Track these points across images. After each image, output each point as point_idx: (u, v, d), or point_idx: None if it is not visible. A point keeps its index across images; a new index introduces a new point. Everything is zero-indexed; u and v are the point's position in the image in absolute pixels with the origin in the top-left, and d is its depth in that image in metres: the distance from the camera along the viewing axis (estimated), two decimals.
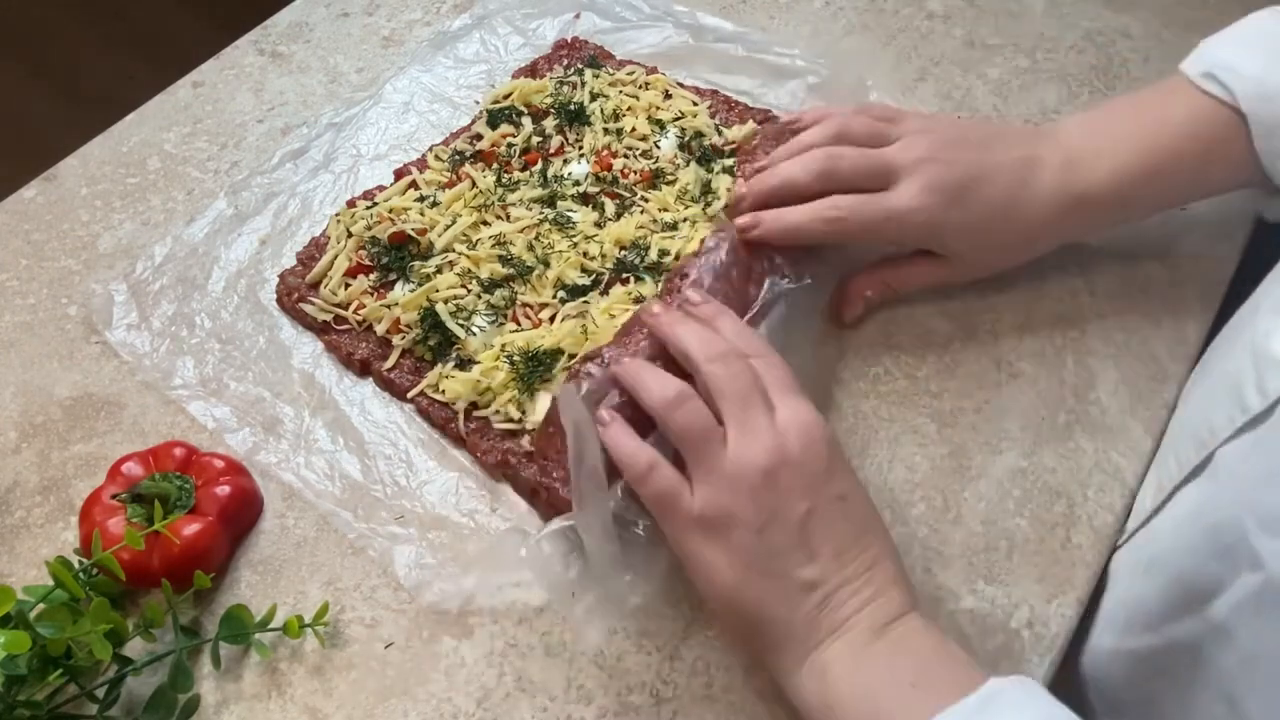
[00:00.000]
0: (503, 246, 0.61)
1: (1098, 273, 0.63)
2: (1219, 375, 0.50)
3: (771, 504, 0.43)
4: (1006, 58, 0.75)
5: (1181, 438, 0.49)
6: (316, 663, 0.49)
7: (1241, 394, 0.44)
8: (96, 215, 0.68)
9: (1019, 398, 0.58)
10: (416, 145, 0.71)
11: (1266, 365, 0.43)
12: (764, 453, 0.44)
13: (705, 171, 0.65)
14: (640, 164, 0.66)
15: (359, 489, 0.55)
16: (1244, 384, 0.44)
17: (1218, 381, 0.49)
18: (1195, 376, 0.57)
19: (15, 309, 0.63)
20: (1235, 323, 0.54)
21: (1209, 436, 0.46)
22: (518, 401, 0.55)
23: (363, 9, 0.80)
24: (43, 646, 0.44)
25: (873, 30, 0.77)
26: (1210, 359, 0.56)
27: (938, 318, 0.61)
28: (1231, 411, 0.44)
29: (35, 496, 0.55)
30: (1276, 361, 0.43)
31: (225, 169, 0.70)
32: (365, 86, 0.75)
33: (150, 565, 0.49)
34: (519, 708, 0.48)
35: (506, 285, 0.60)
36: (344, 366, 0.60)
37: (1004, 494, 0.54)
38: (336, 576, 0.52)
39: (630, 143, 0.67)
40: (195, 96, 0.75)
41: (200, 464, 0.53)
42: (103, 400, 0.59)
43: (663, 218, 0.62)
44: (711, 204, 0.63)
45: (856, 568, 0.43)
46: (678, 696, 0.48)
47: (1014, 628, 0.50)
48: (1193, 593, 0.45)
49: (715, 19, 0.77)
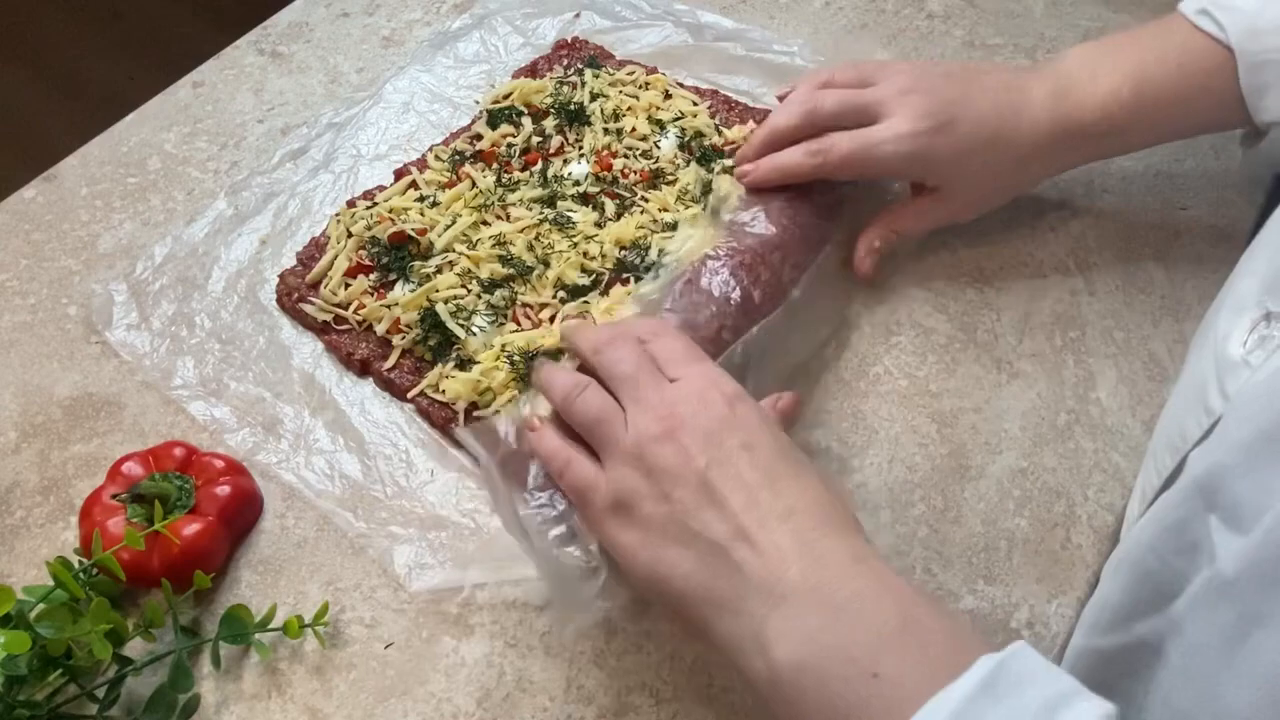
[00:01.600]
0: (503, 246, 0.61)
1: (1098, 273, 0.63)
2: (1187, 380, 0.49)
3: (671, 465, 0.41)
4: (1006, 58, 0.75)
5: (1159, 446, 0.49)
6: (316, 663, 0.49)
7: (1206, 398, 0.44)
8: (96, 215, 0.68)
9: (1019, 398, 0.58)
10: (416, 145, 0.70)
11: (1225, 368, 0.43)
12: (656, 421, 0.43)
13: (705, 171, 0.65)
14: (640, 164, 0.66)
15: (359, 489, 0.55)
16: (1208, 388, 0.44)
17: (1186, 386, 0.49)
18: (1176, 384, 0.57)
19: (15, 309, 0.63)
20: (1202, 327, 0.54)
21: (1180, 442, 0.45)
22: (518, 401, 0.55)
23: (363, 9, 0.80)
24: (43, 646, 0.44)
25: (873, 30, 0.77)
26: (1185, 365, 0.56)
27: (938, 318, 0.61)
28: (1199, 416, 0.44)
29: (35, 496, 0.55)
30: (1233, 363, 0.42)
31: (225, 169, 0.70)
32: (365, 86, 0.75)
33: (150, 565, 0.49)
34: (519, 708, 0.48)
35: (506, 285, 0.60)
36: (344, 367, 0.60)
37: (1004, 494, 0.54)
38: (336, 576, 0.52)
39: (630, 143, 0.67)
40: (195, 96, 0.75)
41: (200, 464, 0.53)
42: (103, 400, 0.59)
43: (663, 218, 0.62)
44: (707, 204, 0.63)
45: (772, 516, 0.40)
46: (678, 696, 0.48)
47: (1014, 628, 0.50)
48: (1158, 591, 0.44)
49: (715, 16, 0.77)
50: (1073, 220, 0.65)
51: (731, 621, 0.39)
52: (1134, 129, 0.57)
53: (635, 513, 0.42)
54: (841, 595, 0.38)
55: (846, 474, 0.55)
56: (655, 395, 0.44)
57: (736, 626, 0.39)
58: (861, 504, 0.54)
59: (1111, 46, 0.58)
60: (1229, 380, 0.42)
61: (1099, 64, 0.57)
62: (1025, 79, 0.57)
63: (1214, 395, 0.43)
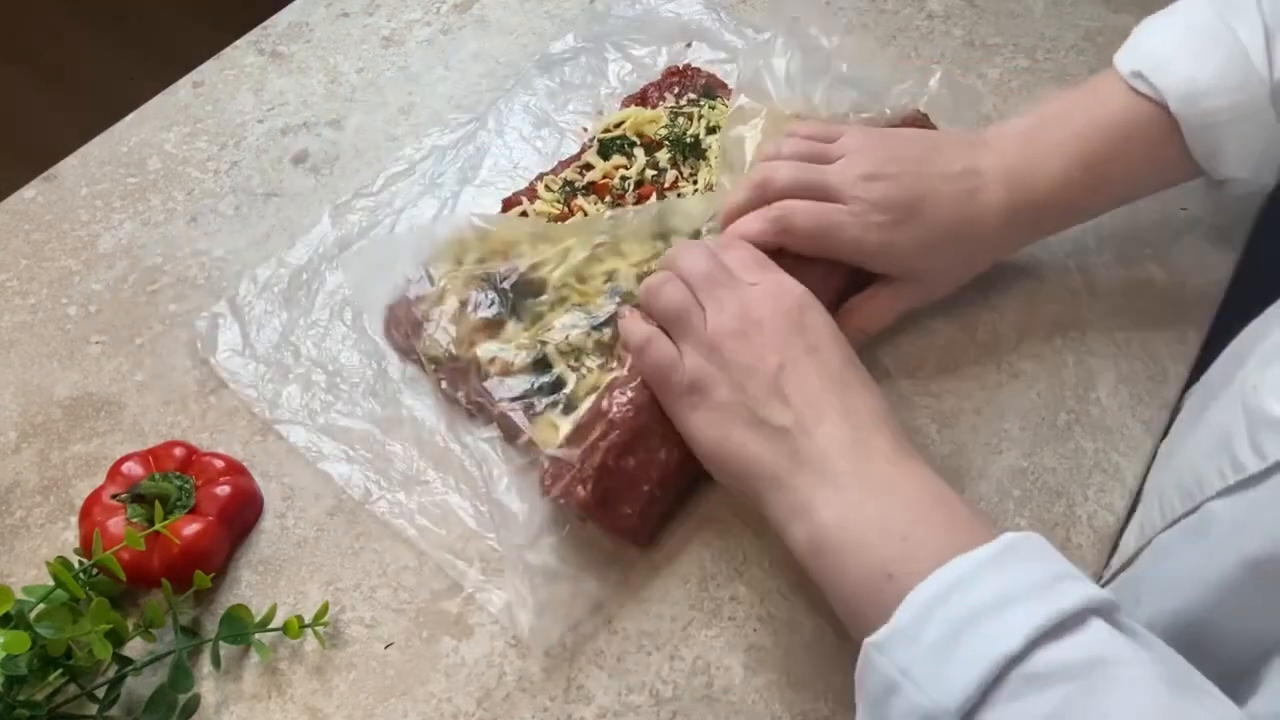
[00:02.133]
0: (613, 281, 0.58)
1: (1098, 273, 0.63)
2: (1207, 426, 0.48)
3: (747, 360, 0.47)
4: (1006, 58, 0.75)
5: (1168, 485, 0.48)
6: (316, 663, 0.49)
7: (1233, 450, 0.43)
8: (96, 215, 0.68)
9: (1019, 398, 0.58)
10: (524, 173, 0.68)
11: (1262, 425, 0.42)
12: (733, 318, 0.48)
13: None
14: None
15: (474, 537, 0.53)
16: (1235, 439, 0.43)
17: (1206, 432, 0.48)
18: (1181, 419, 0.56)
19: (15, 309, 0.63)
20: (1220, 370, 0.53)
21: (1196, 490, 0.45)
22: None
23: (363, 9, 0.80)
24: (43, 646, 0.44)
25: (872, 30, 0.77)
26: (1194, 403, 0.55)
27: (938, 318, 0.61)
28: (1222, 466, 0.43)
29: (35, 496, 0.55)
30: (1274, 422, 0.41)
31: (225, 169, 0.70)
32: (365, 87, 0.75)
33: (150, 565, 0.49)
34: (519, 708, 0.48)
35: (612, 323, 0.56)
36: (452, 404, 0.57)
37: (1004, 494, 0.54)
38: (336, 576, 0.52)
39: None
40: (195, 96, 0.75)
41: (200, 464, 0.53)
42: (103, 400, 0.59)
43: None
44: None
45: (831, 413, 0.45)
46: (678, 696, 0.48)
47: None
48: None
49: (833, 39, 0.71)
50: None
51: (783, 494, 0.45)
52: (1091, 205, 0.57)
53: (709, 396, 0.47)
54: (880, 477, 0.44)
55: None
56: (731, 295, 0.49)
57: (787, 497, 0.45)
58: None
59: (1051, 120, 0.56)
60: (1267, 440, 0.41)
61: (1040, 143, 0.55)
62: (978, 160, 0.55)
63: (1244, 450, 0.42)
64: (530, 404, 0.54)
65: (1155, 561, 0.48)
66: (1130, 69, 0.54)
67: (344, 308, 0.62)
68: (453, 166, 0.69)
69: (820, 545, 0.43)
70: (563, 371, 0.55)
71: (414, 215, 0.66)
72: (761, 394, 0.46)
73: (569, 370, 0.55)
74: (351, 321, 0.61)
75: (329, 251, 0.64)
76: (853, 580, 0.41)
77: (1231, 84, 0.51)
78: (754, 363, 0.47)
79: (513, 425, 0.53)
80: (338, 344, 0.60)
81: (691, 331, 0.49)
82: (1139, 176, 0.56)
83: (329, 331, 0.61)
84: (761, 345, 0.47)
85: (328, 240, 0.65)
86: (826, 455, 0.44)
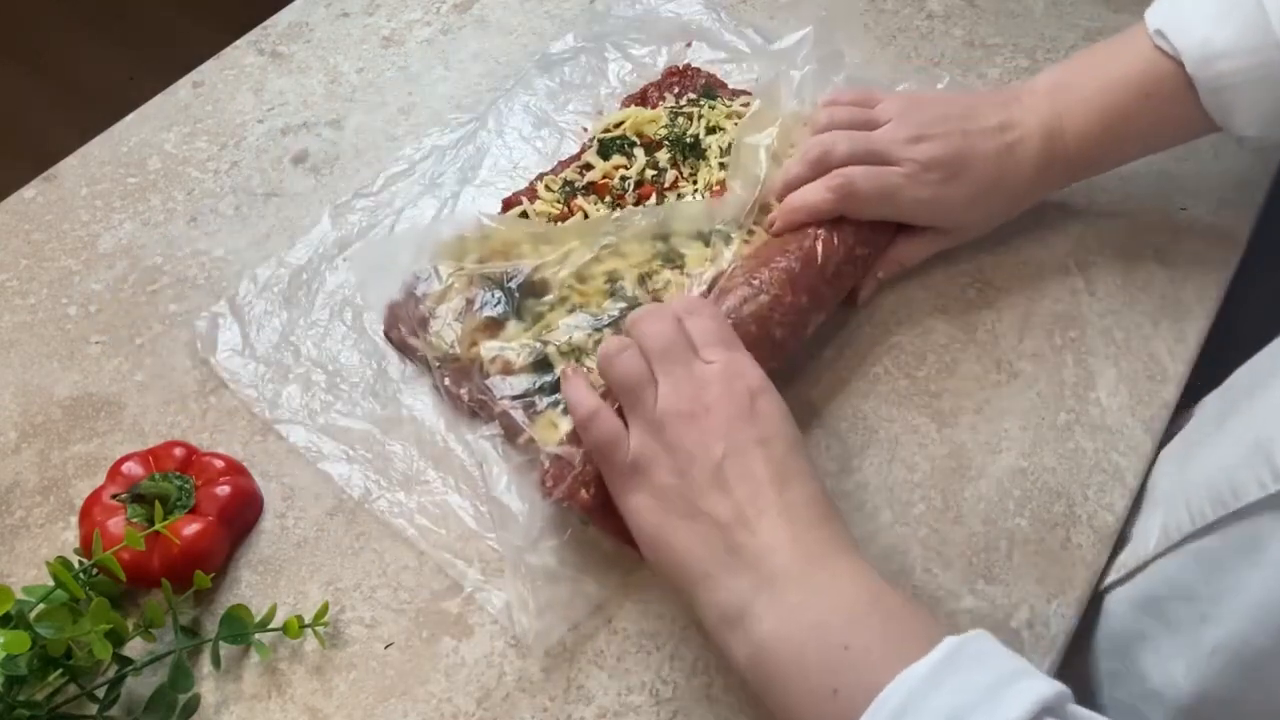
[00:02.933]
0: (614, 282, 0.58)
1: (1098, 273, 0.63)
2: (1238, 432, 0.48)
3: (691, 446, 0.45)
4: (1006, 58, 0.75)
5: (1195, 488, 0.48)
6: (316, 663, 0.49)
7: (1274, 458, 0.43)
8: (96, 215, 0.68)
9: (1019, 398, 0.58)
10: (523, 173, 0.68)
11: None
12: (684, 399, 0.46)
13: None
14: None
15: (473, 537, 0.53)
16: (1276, 447, 0.43)
17: (1237, 437, 0.48)
18: (1203, 421, 0.56)
19: (15, 309, 0.63)
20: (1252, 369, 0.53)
21: (1230, 496, 0.45)
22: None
23: (363, 9, 0.80)
24: (43, 646, 0.44)
25: (872, 30, 0.77)
26: (1216, 407, 0.55)
27: (938, 318, 0.61)
28: (1260, 474, 0.43)
29: (35, 496, 0.55)
30: None
31: (225, 169, 0.70)
32: (364, 87, 0.75)
33: (150, 565, 0.49)
34: (519, 708, 0.48)
35: (615, 325, 0.56)
36: (453, 403, 0.57)
37: (1004, 494, 0.54)
38: (336, 576, 0.52)
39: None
40: (195, 96, 0.75)
41: (200, 464, 0.53)
42: (103, 400, 0.59)
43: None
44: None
45: (771, 509, 0.43)
46: (678, 696, 0.48)
47: (1014, 628, 0.50)
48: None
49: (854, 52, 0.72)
50: (1073, 220, 0.65)
51: (719, 594, 0.43)
52: (1118, 156, 0.60)
53: (650, 478, 0.46)
54: (820, 579, 0.42)
55: (847, 474, 0.55)
56: (686, 374, 0.47)
57: (723, 599, 0.43)
58: (861, 504, 0.54)
59: (1079, 74, 0.59)
60: None
61: (1072, 99, 0.58)
62: (1012, 114, 0.58)
63: None
64: (531, 403, 0.54)
65: (1206, 576, 0.47)
66: (1155, 26, 0.56)
67: (344, 308, 0.62)
68: (453, 166, 0.69)
69: (760, 660, 0.41)
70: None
71: (414, 215, 0.66)
72: (703, 482, 0.44)
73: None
74: (351, 321, 0.61)
75: (329, 251, 0.64)
76: (796, 696, 0.40)
77: (1248, 47, 0.52)
78: (697, 449, 0.45)
79: (514, 423, 0.53)
80: (338, 344, 0.60)
81: (641, 408, 0.47)
82: (1161, 131, 0.59)
83: (329, 331, 0.61)
84: (708, 430, 0.45)
85: (328, 240, 0.65)
86: (765, 554, 0.42)
